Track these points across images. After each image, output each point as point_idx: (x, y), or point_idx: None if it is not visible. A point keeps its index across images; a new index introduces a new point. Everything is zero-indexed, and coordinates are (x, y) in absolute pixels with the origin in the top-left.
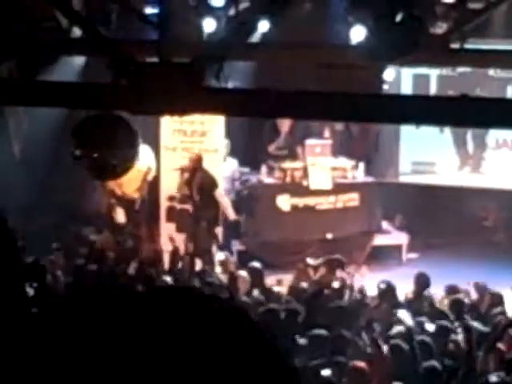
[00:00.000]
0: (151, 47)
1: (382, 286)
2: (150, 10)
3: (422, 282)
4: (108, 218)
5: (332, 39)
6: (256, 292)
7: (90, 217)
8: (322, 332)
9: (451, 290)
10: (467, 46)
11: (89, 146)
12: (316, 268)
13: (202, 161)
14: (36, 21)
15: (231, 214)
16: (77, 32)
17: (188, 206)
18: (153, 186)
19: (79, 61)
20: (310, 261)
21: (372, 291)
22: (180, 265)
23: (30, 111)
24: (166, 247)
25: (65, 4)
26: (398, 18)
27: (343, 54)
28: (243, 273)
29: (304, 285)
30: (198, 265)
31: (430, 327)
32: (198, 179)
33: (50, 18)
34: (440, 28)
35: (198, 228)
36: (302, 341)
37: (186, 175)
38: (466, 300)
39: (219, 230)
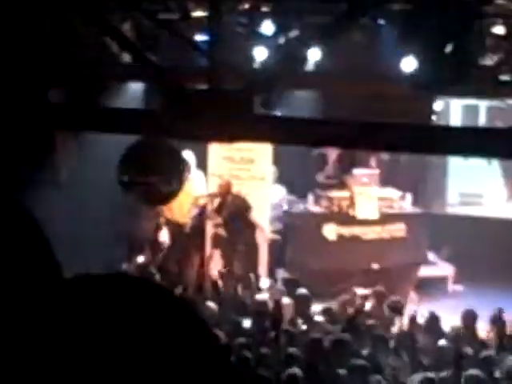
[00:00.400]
0: (201, 74)
1: (428, 317)
2: (199, 37)
3: (469, 317)
4: (153, 239)
5: (382, 69)
6: (300, 320)
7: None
8: (364, 362)
9: (496, 321)
10: None
11: (137, 173)
12: (363, 298)
13: (231, 186)
14: (86, 47)
15: (268, 235)
16: (126, 58)
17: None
18: (202, 213)
19: (139, 86)
20: (358, 290)
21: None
22: (223, 290)
23: (84, 136)
24: (211, 273)
25: (115, 31)
26: (448, 49)
27: (393, 85)
28: (288, 300)
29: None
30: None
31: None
32: (229, 204)
33: (99, 44)
34: (490, 59)
35: (236, 253)
36: (343, 371)
37: (217, 202)
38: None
39: (262, 254)
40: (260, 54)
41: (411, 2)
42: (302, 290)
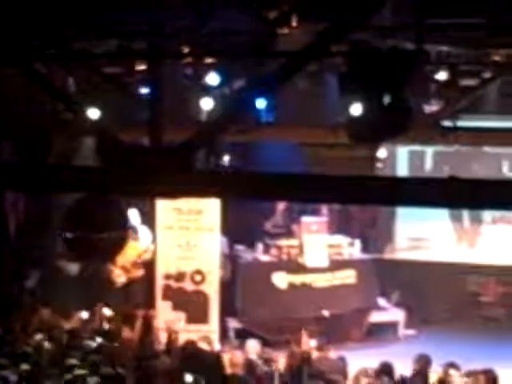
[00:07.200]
0: (142, 128)
1: (379, 365)
2: (144, 90)
3: (423, 362)
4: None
5: (328, 119)
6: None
7: None
8: None
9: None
10: (460, 123)
11: (80, 229)
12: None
13: None
14: (31, 104)
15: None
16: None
17: (184, 284)
18: (149, 265)
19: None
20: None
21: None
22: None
23: None
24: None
25: (56, 88)
26: (386, 100)
27: (336, 134)
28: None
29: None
30: None
31: None
32: None
33: (45, 100)
34: (433, 106)
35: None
36: None
37: None
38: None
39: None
40: (206, 105)
41: (351, 54)
42: (252, 341)
